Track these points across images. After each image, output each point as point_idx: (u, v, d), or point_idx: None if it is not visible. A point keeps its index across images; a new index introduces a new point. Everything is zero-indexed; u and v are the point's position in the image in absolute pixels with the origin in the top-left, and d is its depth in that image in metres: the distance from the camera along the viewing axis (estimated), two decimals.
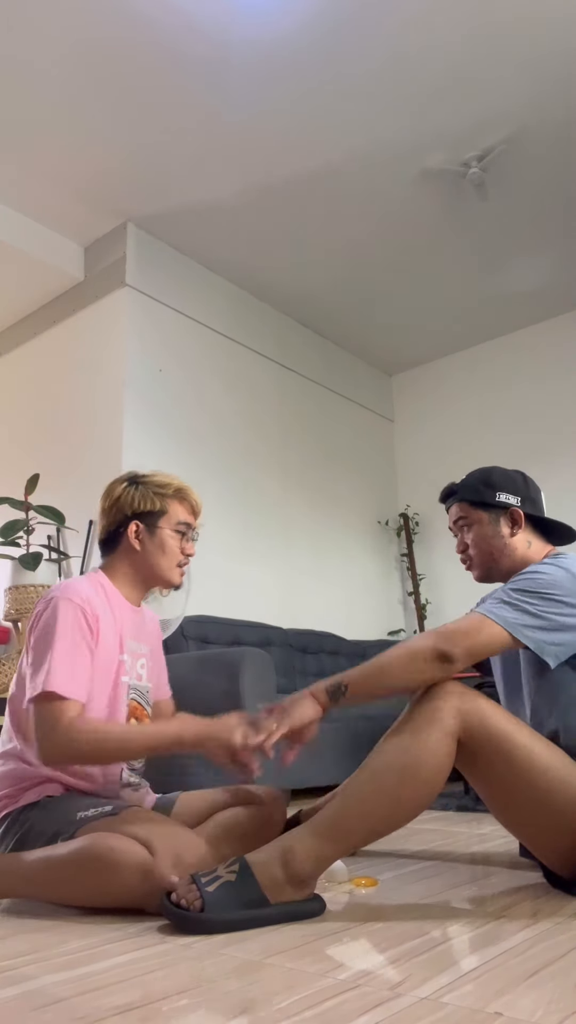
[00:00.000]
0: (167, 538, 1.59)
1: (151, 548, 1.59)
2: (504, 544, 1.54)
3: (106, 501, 1.63)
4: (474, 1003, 0.82)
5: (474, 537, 1.57)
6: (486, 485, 1.58)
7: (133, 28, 2.70)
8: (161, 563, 1.59)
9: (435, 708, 1.24)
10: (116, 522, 1.61)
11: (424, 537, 5.05)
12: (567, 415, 4.53)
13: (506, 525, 1.55)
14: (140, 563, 1.60)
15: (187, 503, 1.64)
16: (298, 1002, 0.84)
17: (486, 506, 1.56)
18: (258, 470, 4.19)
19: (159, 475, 1.66)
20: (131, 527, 1.58)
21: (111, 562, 1.62)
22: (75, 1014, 0.82)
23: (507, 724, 1.25)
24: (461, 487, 1.61)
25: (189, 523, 1.63)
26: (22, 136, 3.19)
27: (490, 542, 1.55)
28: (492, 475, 1.59)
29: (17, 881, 1.32)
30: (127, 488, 1.62)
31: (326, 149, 3.30)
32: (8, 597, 3.15)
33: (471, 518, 1.58)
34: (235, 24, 2.70)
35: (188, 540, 1.63)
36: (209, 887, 1.13)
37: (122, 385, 3.57)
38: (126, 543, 1.60)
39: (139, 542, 1.59)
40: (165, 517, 1.60)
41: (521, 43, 2.80)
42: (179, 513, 1.62)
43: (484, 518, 1.56)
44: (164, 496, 1.61)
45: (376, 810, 1.20)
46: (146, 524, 1.59)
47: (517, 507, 1.55)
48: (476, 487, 1.58)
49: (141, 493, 1.60)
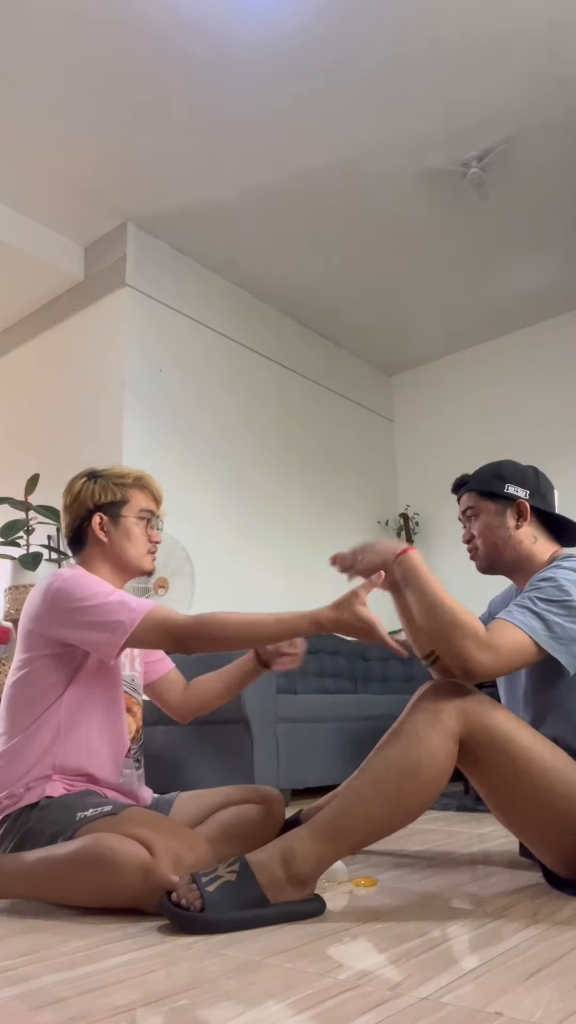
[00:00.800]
0: (131, 526, 1.62)
1: (117, 538, 1.61)
2: (509, 536, 1.54)
3: (67, 497, 1.65)
4: (474, 1003, 0.82)
5: (480, 527, 1.57)
6: (496, 476, 1.58)
7: (133, 28, 2.70)
8: (129, 551, 1.62)
9: (436, 709, 1.23)
10: (80, 517, 1.63)
11: (424, 537, 5.05)
12: (567, 415, 4.53)
13: (512, 517, 1.54)
14: (110, 554, 1.62)
15: (148, 491, 1.67)
16: (298, 1002, 0.84)
17: (494, 496, 1.56)
18: (258, 470, 4.19)
19: (117, 467, 1.69)
20: (95, 519, 1.61)
21: (84, 559, 1.64)
22: (75, 1014, 0.82)
23: (509, 724, 1.25)
24: (472, 477, 1.62)
25: (152, 510, 1.66)
26: (22, 136, 3.19)
27: (495, 532, 1.55)
28: (503, 467, 1.59)
29: (17, 881, 1.32)
30: (87, 483, 1.64)
31: (326, 149, 3.30)
32: (8, 597, 3.15)
33: (478, 508, 1.58)
34: (235, 24, 2.70)
35: (152, 527, 1.66)
36: (209, 887, 1.13)
37: (122, 385, 3.57)
38: (92, 536, 1.62)
39: (104, 533, 1.61)
40: (127, 506, 1.63)
41: (521, 43, 2.80)
42: (141, 501, 1.65)
43: (491, 508, 1.56)
44: (124, 486, 1.64)
45: (377, 811, 1.20)
46: (109, 515, 1.62)
47: (524, 500, 1.54)
48: (486, 477, 1.59)
49: (101, 485, 1.63)
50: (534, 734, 1.27)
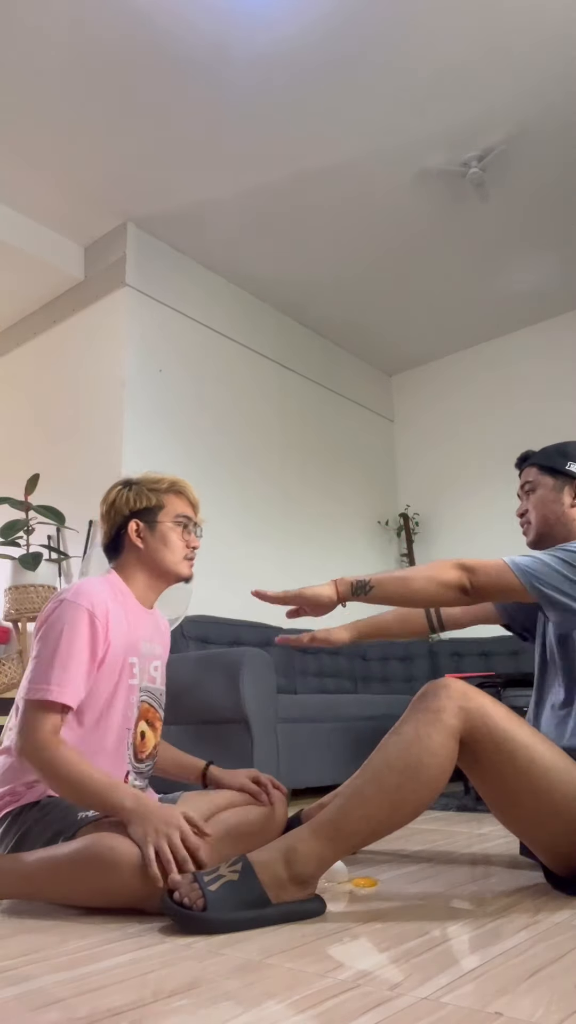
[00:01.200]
0: (168, 531, 1.61)
1: (153, 544, 1.60)
2: (562, 512, 1.55)
3: (103, 506, 1.65)
4: (474, 1003, 0.82)
5: (534, 500, 1.59)
6: (560, 453, 1.60)
7: (133, 28, 2.70)
8: (166, 557, 1.60)
9: (437, 708, 1.23)
10: (116, 524, 1.62)
11: (424, 537, 5.05)
12: (567, 415, 4.53)
13: (569, 495, 1.56)
14: (146, 560, 1.61)
15: (183, 497, 1.66)
16: (298, 1002, 0.84)
17: (554, 472, 1.58)
18: (258, 470, 4.19)
19: (153, 474, 1.69)
20: (131, 526, 1.60)
21: (120, 565, 1.63)
22: (75, 1014, 0.82)
23: (509, 724, 1.25)
24: (538, 452, 1.64)
25: (188, 515, 1.65)
26: (22, 136, 3.19)
27: (549, 507, 1.57)
28: (569, 446, 1.61)
29: (17, 881, 1.32)
30: (122, 490, 1.64)
31: (326, 149, 3.30)
32: (8, 597, 3.15)
33: (536, 482, 1.60)
34: (235, 24, 2.70)
35: (190, 532, 1.65)
36: (211, 886, 1.13)
37: (122, 385, 3.57)
38: (129, 543, 1.61)
39: (141, 540, 1.60)
40: (163, 511, 1.62)
41: (521, 43, 2.80)
42: (177, 506, 1.64)
43: (549, 483, 1.58)
44: (159, 492, 1.63)
45: (378, 811, 1.20)
46: (145, 521, 1.61)
47: None
48: (551, 453, 1.61)
49: (136, 492, 1.63)
50: (534, 733, 1.27)
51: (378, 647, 4.14)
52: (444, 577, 1.37)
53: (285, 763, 2.61)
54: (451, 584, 1.37)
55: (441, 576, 1.37)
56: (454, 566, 1.39)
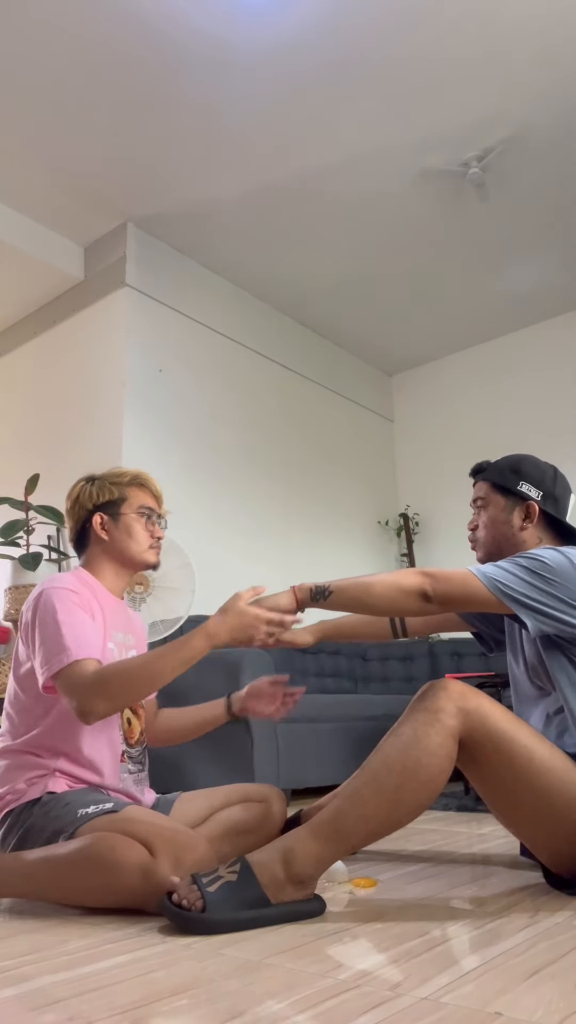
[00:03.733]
0: (131, 522, 1.65)
1: (118, 535, 1.64)
2: (513, 534, 1.53)
3: (68, 502, 1.70)
4: (474, 1003, 0.82)
5: (485, 519, 1.57)
6: (513, 471, 1.56)
7: (133, 28, 2.70)
8: (131, 547, 1.64)
9: (436, 708, 1.23)
10: (81, 518, 1.67)
11: (424, 537, 5.05)
12: (567, 415, 4.53)
13: (520, 516, 1.53)
14: (112, 552, 1.65)
15: (146, 489, 1.70)
16: (298, 1002, 0.84)
17: (506, 491, 1.55)
18: (258, 470, 4.19)
19: (115, 469, 1.73)
20: (95, 519, 1.64)
21: (88, 559, 1.67)
22: (75, 1014, 0.82)
23: (508, 724, 1.25)
24: (490, 466, 1.60)
25: (151, 507, 1.68)
26: (22, 136, 3.19)
27: (500, 528, 1.54)
28: (523, 463, 1.57)
29: (18, 880, 1.32)
30: (85, 486, 1.69)
31: (326, 149, 3.30)
32: (8, 597, 3.15)
33: (488, 500, 1.57)
34: (235, 24, 2.70)
35: (154, 523, 1.68)
36: (210, 887, 1.13)
37: (122, 385, 3.57)
38: (94, 536, 1.65)
39: (105, 532, 1.64)
40: (126, 503, 1.66)
41: (521, 43, 2.80)
42: (140, 498, 1.68)
43: (500, 503, 1.55)
44: (121, 485, 1.67)
45: (376, 811, 1.19)
46: (109, 514, 1.65)
47: (536, 501, 1.53)
48: (503, 470, 1.57)
49: (98, 486, 1.67)
50: (533, 734, 1.27)
51: (378, 647, 4.13)
52: (405, 583, 1.34)
53: (285, 763, 2.60)
54: (412, 591, 1.34)
55: (402, 582, 1.35)
56: (416, 573, 1.36)
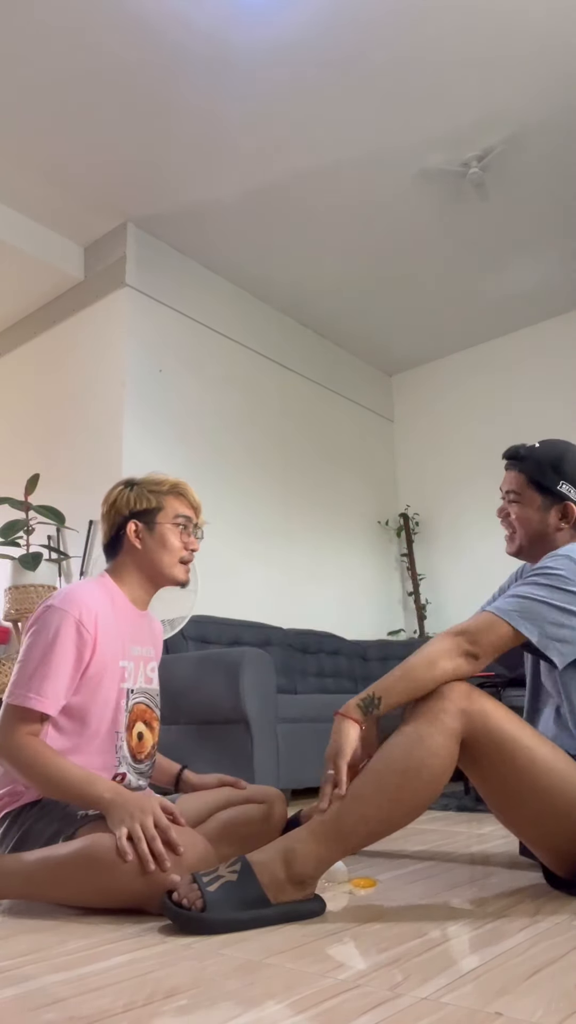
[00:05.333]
0: (167, 532, 1.61)
1: (152, 545, 1.60)
2: (547, 532, 1.49)
3: (104, 506, 1.66)
4: (474, 1003, 0.82)
5: (521, 515, 1.51)
6: (554, 468, 1.49)
7: (133, 29, 2.70)
8: (163, 559, 1.60)
9: (438, 709, 1.23)
10: (116, 524, 1.63)
11: (424, 537, 5.05)
12: (567, 415, 4.53)
13: (556, 515, 1.49)
14: (143, 561, 1.61)
15: (184, 499, 1.66)
16: (298, 1002, 0.84)
17: (543, 489, 1.49)
18: (258, 470, 4.19)
19: (156, 475, 1.68)
20: (130, 526, 1.60)
21: (116, 565, 1.64)
22: (75, 1014, 0.82)
23: (510, 725, 1.24)
24: (528, 457, 1.52)
25: (188, 516, 1.65)
26: (22, 136, 3.19)
27: (535, 525, 1.50)
28: (565, 459, 1.49)
29: (17, 881, 1.32)
30: (123, 491, 1.65)
31: (326, 149, 3.30)
32: (8, 597, 3.15)
33: (523, 495, 1.51)
34: (235, 24, 2.70)
35: (189, 534, 1.64)
36: (211, 887, 1.13)
37: (122, 385, 3.57)
38: (127, 543, 1.61)
39: (139, 540, 1.60)
40: (162, 513, 1.62)
41: (521, 43, 2.80)
42: (177, 508, 1.63)
43: (537, 501, 1.50)
44: (159, 493, 1.63)
45: (377, 810, 1.19)
46: (144, 522, 1.61)
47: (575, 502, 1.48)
48: (543, 466, 1.49)
49: (136, 493, 1.63)
50: (535, 734, 1.27)
51: (378, 647, 4.14)
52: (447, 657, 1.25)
53: (285, 763, 2.60)
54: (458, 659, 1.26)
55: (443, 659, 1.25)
56: (448, 639, 1.27)
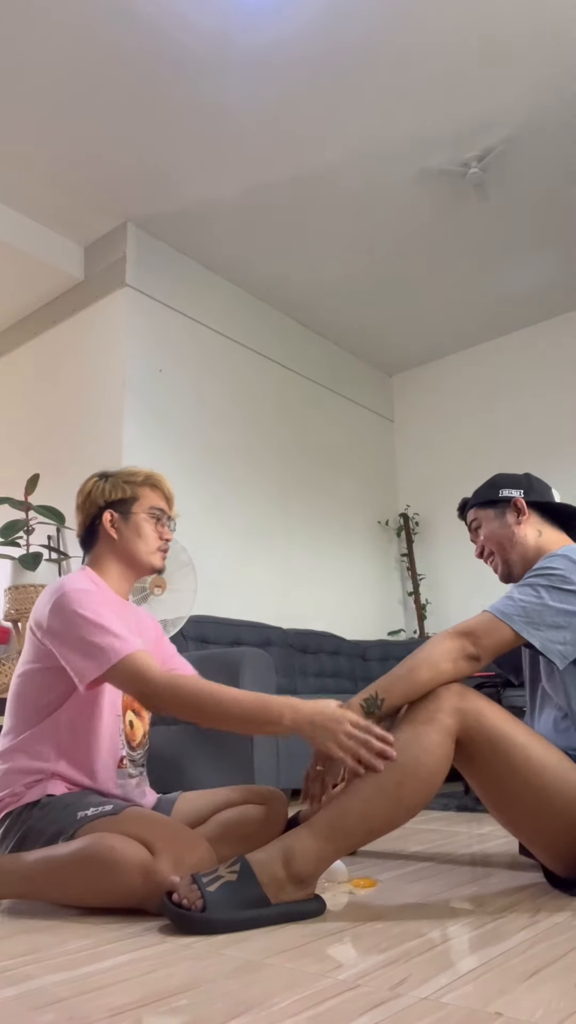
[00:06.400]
0: (142, 522, 1.63)
1: (127, 534, 1.62)
2: (512, 534, 1.58)
3: (79, 497, 1.68)
4: (474, 1003, 0.82)
5: (485, 534, 1.62)
6: (489, 486, 1.65)
7: (133, 28, 2.70)
8: (139, 547, 1.63)
9: (434, 708, 1.24)
10: (91, 515, 1.66)
11: (424, 537, 5.05)
12: (567, 415, 4.53)
13: (511, 515, 1.59)
14: (120, 551, 1.63)
15: (158, 490, 1.68)
16: (298, 1002, 0.84)
17: (491, 503, 1.62)
18: (258, 470, 4.19)
19: (129, 467, 1.71)
20: (105, 516, 1.63)
21: (94, 557, 1.65)
22: (75, 1014, 0.82)
23: (505, 723, 1.25)
24: (472, 496, 1.69)
25: (162, 508, 1.67)
26: (22, 136, 3.19)
27: (499, 534, 1.59)
28: (495, 477, 1.67)
29: (17, 881, 1.32)
30: (98, 482, 1.67)
31: (326, 149, 3.30)
32: (8, 597, 3.15)
33: (480, 518, 1.64)
34: (235, 24, 2.70)
35: (163, 525, 1.67)
36: (210, 887, 1.13)
37: (122, 385, 3.57)
38: (103, 533, 1.63)
39: (115, 530, 1.62)
40: (137, 503, 1.64)
41: (521, 43, 2.80)
42: (151, 499, 1.66)
43: (491, 514, 1.62)
44: (134, 484, 1.66)
45: (375, 809, 1.20)
46: (119, 512, 1.63)
47: (519, 497, 1.59)
48: (481, 491, 1.67)
49: (111, 484, 1.66)
50: (530, 732, 1.27)
51: (378, 647, 4.14)
52: (448, 659, 1.29)
53: (285, 763, 2.60)
54: (459, 660, 1.29)
55: (443, 660, 1.29)
56: (450, 639, 1.31)
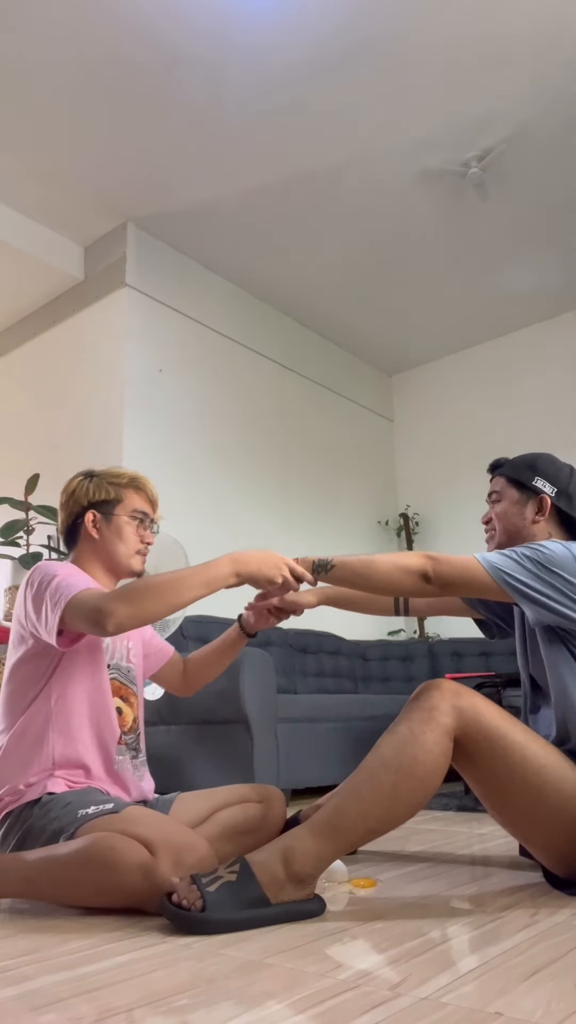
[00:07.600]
0: (123, 525, 1.64)
1: (108, 536, 1.63)
2: (524, 526, 1.56)
3: (63, 495, 1.68)
4: (474, 1003, 0.82)
5: (499, 511, 1.60)
6: (529, 466, 1.59)
7: (133, 29, 2.70)
8: (119, 549, 1.63)
9: (431, 707, 1.24)
10: (74, 513, 1.65)
11: (424, 537, 5.05)
12: (567, 415, 4.53)
13: (532, 509, 1.56)
14: (100, 552, 1.64)
15: (143, 493, 1.69)
16: (298, 1002, 0.84)
17: (520, 486, 1.59)
18: (258, 470, 4.19)
19: (114, 468, 1.71)
20: (88, 516, 1.63)
21: (77, 556, 1.66)
22: (75, 1014, 0.82)
23: (502, 722, 1.25)
24: (508, 462, 1.64)
25: (145, 511, 1.67)
26: (22, 136, 3.19)
27: (511, 519, 1.58)
28: (539, 460, 1.61)
29: (18, 881, 1.32)
30: (83, 481, 1.67)
31: (326, 149, 3.30)
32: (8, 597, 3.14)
33: (502, 493, 1.61)
34: (235, 24, 2.70)
35: (145, 528, 1.67)
36: (210, 887, 1.13)
37: (122, 385, 3.57)
38: (85, 533, 1.64)
39: (96, 530, 1.63)
40: (120, 505, 1.64)
41: (521, 43, 2.80)
42: (135, 501, 1.66)
43: (514, 496, 1.59)
44: (119, 486, 1.66)
45: (374, 809, 1.20)
46: (102, 512, 1.64)
47: (549, 496, 1.55)
48: (519, 465, 1.61)
49: (96, 484, 1.66)
50: (527, 732, 1.27)
51: (378, 647, 4.14)
52: (407, 563, 1.38)
53: (285, 763, 2.60)
54: (413, 571, 1.37)
55: (405, 562, 1.38)
56: (421, 555, 1.40)
